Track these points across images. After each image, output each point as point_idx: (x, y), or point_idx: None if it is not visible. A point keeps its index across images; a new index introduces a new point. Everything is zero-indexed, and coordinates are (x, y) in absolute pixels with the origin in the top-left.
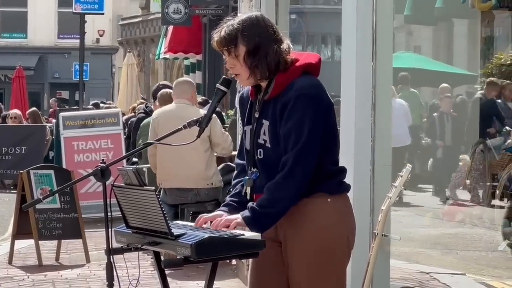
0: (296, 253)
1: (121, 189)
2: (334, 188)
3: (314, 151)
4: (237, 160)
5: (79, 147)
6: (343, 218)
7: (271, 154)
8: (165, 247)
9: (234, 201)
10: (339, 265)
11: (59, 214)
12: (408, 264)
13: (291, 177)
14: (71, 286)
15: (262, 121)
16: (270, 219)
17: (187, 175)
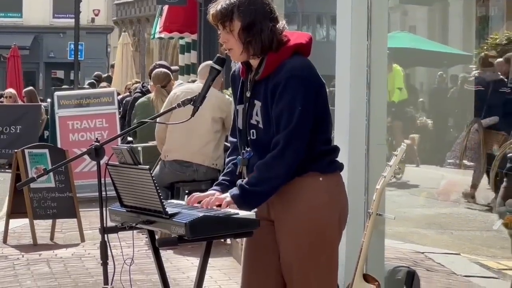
0: (287, 233)
1: (115, 167)
2: (326, 167)
3: (305, 132)
4: (230, 138)
5: (74, 126)
6: (335, 197)
7: (264, 135)
8: (159, 226)
9: (226, 180)
10: (330, 245)
11: (53, 193)
12: (402, 244)
13: (281, 157)
14: (65, 265)
15: (254, 102)
16: (259, 198)
17: (194, 149)
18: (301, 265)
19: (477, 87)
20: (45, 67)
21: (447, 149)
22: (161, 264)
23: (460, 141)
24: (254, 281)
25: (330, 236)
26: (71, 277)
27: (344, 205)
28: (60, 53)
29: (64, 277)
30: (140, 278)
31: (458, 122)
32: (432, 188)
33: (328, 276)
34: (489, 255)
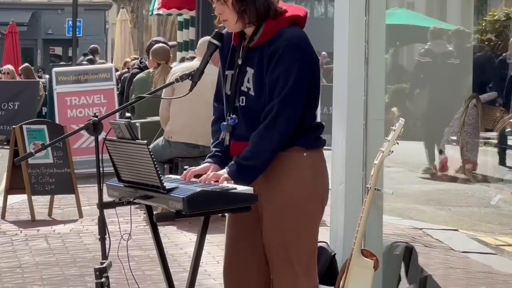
0: (270, 207)
1: (113, 142)
2: (311, 143)
3: (299, 101)
4: (214, 103)
5: (72, 102)
6: (318, 173)
7: (254, 103)
8: (157, 201)
9: (218, 151)
10: (312, 220)
11: (51, 169)
12: (400, 220)
13: (274, 127)
14: (63, 241)
15: (246, 69)
16: (255, 171)
17: (199, 132)
18: (282, 238)
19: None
20: (43, 43)
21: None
22: (159, 239)
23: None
24: (237, 258)
25: (313, 211)
26: (69, 253)
27: (326, 182)
28: (58, 30)
29: (62, 252)
30: (138, 254)
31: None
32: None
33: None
34: (487, 231)
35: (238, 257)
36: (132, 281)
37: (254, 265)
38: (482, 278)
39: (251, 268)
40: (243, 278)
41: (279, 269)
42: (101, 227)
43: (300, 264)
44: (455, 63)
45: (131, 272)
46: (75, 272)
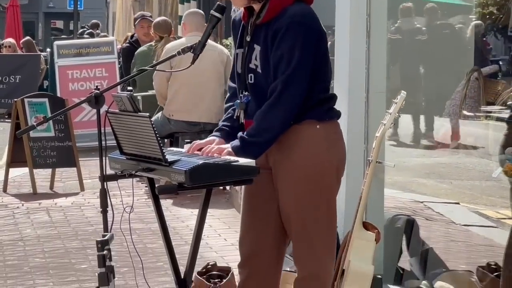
0: (285, 180)
1: (115, 115)
2: (323, 115)
3: (303, 79)
4: (230, 83)
5: (73, 75)
6: (332, 145)
7: (262, 80)
8: (159, 174)
9: (226, 125)
10: (328, 193)
11: (53, 142)
12: (402, 193)
13: (278, 104)
14: (65, 213)
15: (254, 46)
16: (258, 148)
17: (201, 110)
18: (300, 212)
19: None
20: (45, 17)
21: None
22: (160, 212)
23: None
24: (253, 229)
25: (328, 183)
26: (70, 226)
27: (342, 153)
28: (59, 3)
29: (63, 225)
30: (140, 227)
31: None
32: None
33: (327, 223)
34: (488, 204)
35: (253, 226)
36: (134, 254)
37: (269, 235)
38: (483, 251)
39: (266, 237)
40: (257, 247)
41: (298, 241)
42: (103, 199)
43: (320, 236)
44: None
45: (133, 245)
46: (76, 245)
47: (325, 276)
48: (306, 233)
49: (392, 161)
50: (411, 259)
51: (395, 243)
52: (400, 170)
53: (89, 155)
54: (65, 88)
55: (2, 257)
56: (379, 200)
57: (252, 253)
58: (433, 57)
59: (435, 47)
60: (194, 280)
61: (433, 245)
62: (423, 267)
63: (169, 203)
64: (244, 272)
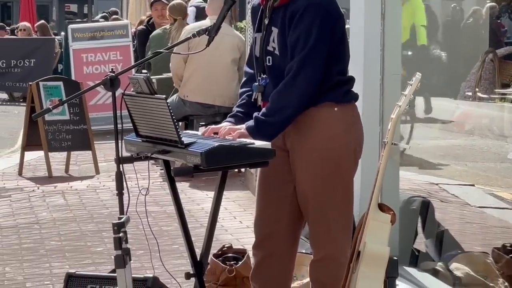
0: (302, 163)
1: (131, 97)
2: (341, 97)
3: (319, 61)
4: (246, 68)
5: (88, 59)
6: (350, 127)
7: (279, 62)
8: (175, 156)
9: (240, 111)
10: (345, 174)
11: (68, 125)
12: (417, 175)
13: (293, 85)
14: (80, 196)
15: (272, 28)
16: (273, 129)
17: (216, 92)
18: (317, 194)
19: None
20: (58, 0)
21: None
22: (176, 194)
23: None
24: (268, 211)
25: (346, 165)
26: (86, 209)
27: (359, 135)
28: None
29: (79, 208)
30: (155, 210)
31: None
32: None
33: (344, 205)
34: (503, 186)
35: (268, 208)
36: (150, 237)
37: (285, 216)
38: (499, 233)
39: (281, 219)
40: (272, 229)
41: (314, 223)
42: (119, 182)
43: (337, 218)
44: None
45: (149, 227)
46: (92, 228)
47: (341, 258)
48: (323, 215)
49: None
50: (427, 241)
51: (410, 224)
52: (415, 152)
53: (104, 138)
54: (79, 72)
55: (18, 240)
56: (395, 182)
57: (267, 235)
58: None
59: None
60: (210, 262)
61: (449, 226)
62: (438, 249)
63: (185, 186)
64: (259, 254)
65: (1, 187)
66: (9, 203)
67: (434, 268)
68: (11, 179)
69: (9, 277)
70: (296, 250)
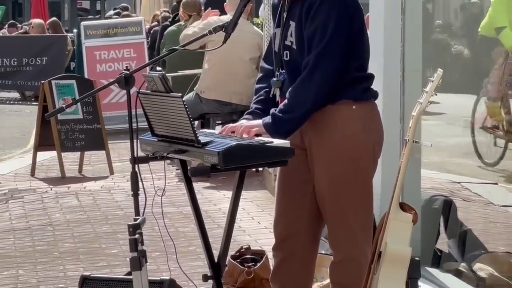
0: (321, 161)
1: (146, 96)
2: (359, 95)
3: (336, 55)
4: (263, 64)
5: (101, 56)
6: (368, 126)
7: (297, 57)
8: (191, 155)
9: (258, 108)
10: (364, 174)
11: (81, 125)
12: (439, 174)
13: (311, 79)
14: (94, 197)
15: (289, 23)
16: (290, 125)
17: (233, 90)
18: (335, 194)
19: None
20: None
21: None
22: (193, 194)
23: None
24: (288, 211)
25: (364, 164)
26: (100, 210)
27: (378, 134)
28: None
29: (93, 210)
30: (171, 211)
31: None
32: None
33: (364, 205)
34: None
35: (288, 208)
36: (166, 238)
37: (305, 216)
38: None
39: (301, 219)
40: (292, 229)
41: (334, 225)
42: (134, 182)
43: (356, 218)
44: None
45: (166, 228)
46: (107, 229)
47: (361, 259)
48: (342, 215)
49: (429, 141)
50: (449, 241)
51: (432, 224)
52: (437, 150)
53: (118, 138)
54: (92, 70)
55: (31, 243)
56: (416, 181)
57: (286, 235)
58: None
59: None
60: (228, 264)
61: (472, 226)
62: (461, 249)
63: (201, 186)
64: (279, 255)
65: (13, 188)
66: (22, 205)
67: (457, 268)
68: (23, 180)
69: (22, 280)
70: (316, 251)
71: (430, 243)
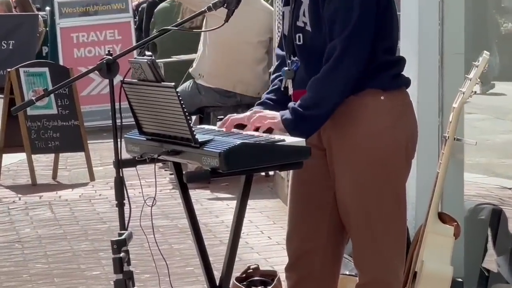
0: (342, 164)
1: (132, 86)
2: (388, 83)
3: (366, 37)
4: (277, 51)
5: (79, 39)
6: (400, 120)
7: (312, 39)
8: (187, 157)
9: (270, 99)
10: (395, 178)
11: (56, 121)
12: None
13: (339, 69)
14: (72, 209)
15: (301, 0)
16: (316, 122)
17: (237, 77)
18: (361, 204)
19: None
20: None
21: None
22: (190, 205)
23: None
24: (304, 224)
25: (395, 167)
26: (79, 224)
27: (412, 129)
28: None
29: (70, 223)
30: (164, 224)
31: None
32: None
33: (395, 216)
34: None
35: (303, 221)
36: (157, 257)
37: (324, 231)
38: None
39: (319, 234)
40: (309, 245)
41: (359, 238)
42: (119, 190)
43: (386, 232)
44: None
45: (156, 245)
46: (86, 246)
47: (392, 281)
48: (369, 228)
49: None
50: (498, 258)
51: (478, 238)
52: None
53: (100, 137)
54: (69, 55)
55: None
56: (458, 186)
57: (302, 253)
58: None
59: None
60: (232, 287)
61: None
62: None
63: (200, 194)
64: (293, 276)
65: None
66: None
67: None
68: None
69: None
70: (338, 271)
71: (476, 261)
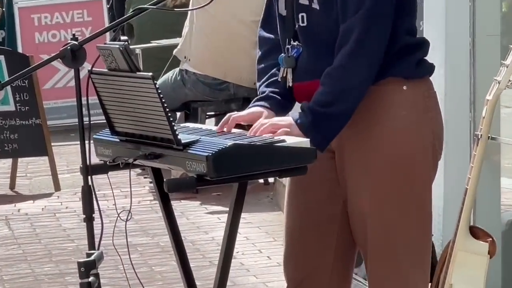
0: (357, 169)
1: (103, 77)
2: (411, 70)
3: (388, 14)
4: (261, 33)
5: (41, 21)
6: (425, 114)
7: (320, 20)
8: (169, 162)
9: (276, 92)
10: (420, 185)
11: (13, 120)
12: None
13: (360, 53)
14: (32, 224)
15: None
16: (340, 121)
17: (228, 64)
18: (378, 216)
19: None
20: None
21: None
22: (172, 219)
23: None
24: (306, 242)
25: (420, 171)
26: (41, 242)
27: (438, 124)
28: None
29: (31, 242)
30: (143, 242)
31: None
32: None
33: (419, 230)
34: None
35: (306, 237)
36: (134, 281)
37: (330, 250)
38: None
39: (325, 252)
40: (313, 267)
41: (376, 258)
42: (87, 202)
43: (408, 250)
44: None
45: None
46: (50, 269)
47: None
48: (388, 246)
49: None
50: None
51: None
52: None
53: (66, 138)
54: (29, 40)
55: None
56: (494, 195)
57: (305, 276)
58: None
59: None
60: None
61: None
62: None
63: (186, 206)
64: None
65: None
66: None
67: None
68: None
69: None
70: None
71: None
